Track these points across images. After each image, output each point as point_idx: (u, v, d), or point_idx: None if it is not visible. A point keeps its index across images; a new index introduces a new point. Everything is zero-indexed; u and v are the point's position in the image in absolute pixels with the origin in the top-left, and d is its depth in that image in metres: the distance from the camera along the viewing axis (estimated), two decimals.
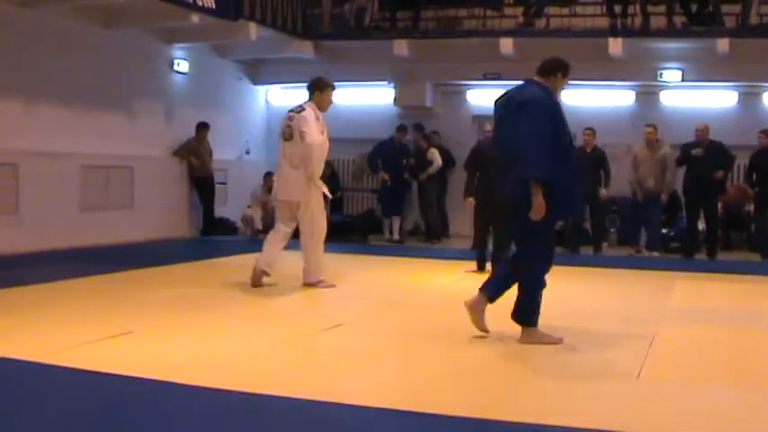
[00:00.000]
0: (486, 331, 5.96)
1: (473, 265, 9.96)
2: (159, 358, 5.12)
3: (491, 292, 5.99)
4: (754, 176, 12.18)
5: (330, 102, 8.46)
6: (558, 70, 6.06)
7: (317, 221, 8.22)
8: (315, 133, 8.02)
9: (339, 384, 4.63)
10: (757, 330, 6.63)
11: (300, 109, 8.17)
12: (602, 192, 12.32)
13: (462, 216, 14.71)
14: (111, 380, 4.53)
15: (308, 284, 8.20)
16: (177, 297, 7.56)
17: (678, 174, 12.29)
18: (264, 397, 4.25)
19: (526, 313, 5.89)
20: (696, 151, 11.79)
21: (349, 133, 14.32)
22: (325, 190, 8.29)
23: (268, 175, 13.88)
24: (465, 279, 9.41)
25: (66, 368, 4.71)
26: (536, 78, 6.04)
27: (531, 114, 5.75)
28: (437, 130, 14.70)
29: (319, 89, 8.31)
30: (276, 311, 7.00)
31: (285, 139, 8.20)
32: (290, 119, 8.14)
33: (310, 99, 8.28)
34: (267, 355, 5.36)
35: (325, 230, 8.36)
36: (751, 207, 12.83)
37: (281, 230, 8.30)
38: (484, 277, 9.50)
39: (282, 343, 5.75)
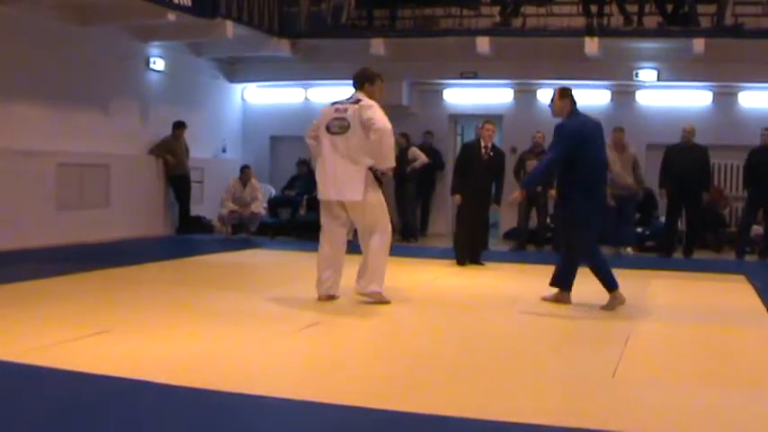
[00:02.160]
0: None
1: (450, 262, 10.02)
2: (135, 357, 5.08)
3: (567, 282, 7.42)
4: (750, 175, 11.92)
5: (381, 95, 7.52)
6: None
7: (379, 220, 7.27)
8: (384, 118, 7.11)
9: (316, 383, 4.62)
10: (732, 329, 6.69)
11: (356, 100, 7.33)
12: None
13: (439, 216, 14.77)
14: (86, 379, 4.50)
15: (361, 294, 7.34)
16: (153, 296, 7.52)
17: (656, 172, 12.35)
18: (242, 396, 4.23)
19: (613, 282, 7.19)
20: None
21: None
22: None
23: (245, 169, 13.83)
24: (443, 278, 9.43)
25: (41, 367, 4.67)
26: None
27: None
28: (431, 131, 14.71)
29: (370, 81, 7.46)
30: (252, 310, 6.96)
31: (334, 134, 7.24)
32: (343, 110, 7.26)
33: (359, 91, 7.46)
34: (244, 354, 5.34)
35: (390, 233, 7.43)
36: (726, 210, 12.93)
37: (333, 240, 7.43)
38: (463, 273, 9.72)
39: (259, 342, 5.73)
